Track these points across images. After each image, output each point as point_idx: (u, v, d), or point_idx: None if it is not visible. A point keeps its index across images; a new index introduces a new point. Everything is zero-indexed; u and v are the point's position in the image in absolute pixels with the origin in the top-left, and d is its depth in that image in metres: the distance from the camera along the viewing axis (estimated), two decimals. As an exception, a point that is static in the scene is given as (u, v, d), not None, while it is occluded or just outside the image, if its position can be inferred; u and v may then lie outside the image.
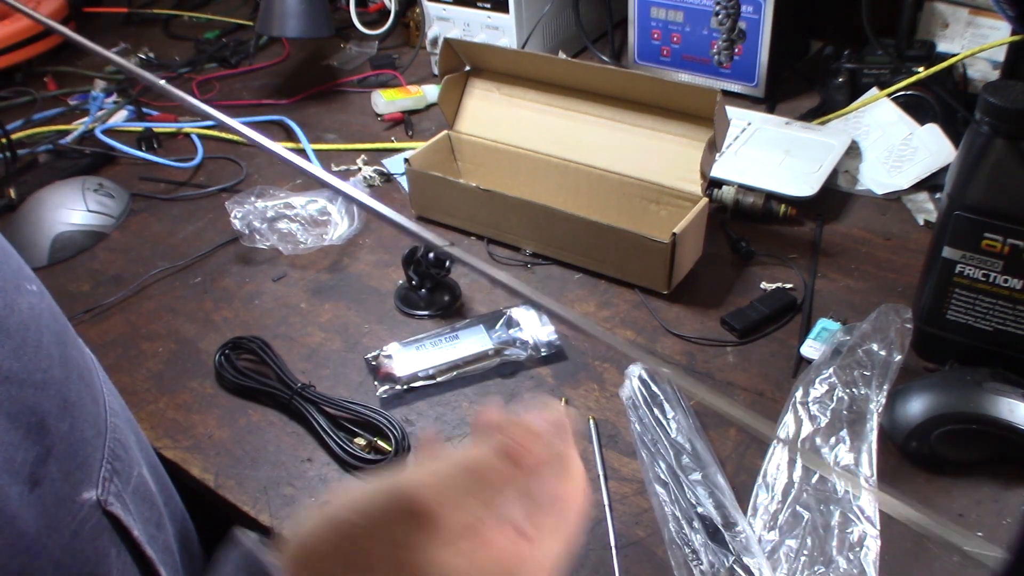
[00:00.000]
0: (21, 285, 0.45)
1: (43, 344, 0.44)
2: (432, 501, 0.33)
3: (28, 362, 0.43)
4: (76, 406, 0.46)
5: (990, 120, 0.61)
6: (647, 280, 0.82)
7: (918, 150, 0.93)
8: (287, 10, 1.16)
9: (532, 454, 0.38)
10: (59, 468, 0.44)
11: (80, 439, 0.46)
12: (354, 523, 0.33)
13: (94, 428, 0.48)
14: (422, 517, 0.32)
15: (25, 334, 0.43)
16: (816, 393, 0.66)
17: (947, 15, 1.04)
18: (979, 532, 0.59)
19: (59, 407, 0.44)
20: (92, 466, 0.47)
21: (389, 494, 0.33)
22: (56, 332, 0.47)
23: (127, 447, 0.51)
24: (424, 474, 0.34)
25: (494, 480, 0.35)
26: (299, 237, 0.91)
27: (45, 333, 0.45)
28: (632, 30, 1.15)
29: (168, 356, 0.81)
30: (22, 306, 0.44)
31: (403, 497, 0.33)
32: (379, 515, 0.33)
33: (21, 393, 0.42)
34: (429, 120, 1.15)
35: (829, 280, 0.82)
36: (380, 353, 0.76)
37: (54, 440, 0.43)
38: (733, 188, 0.91)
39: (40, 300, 0.47)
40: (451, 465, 0.35)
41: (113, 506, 0.47)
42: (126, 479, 0.50)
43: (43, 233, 0.95)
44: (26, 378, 0.42)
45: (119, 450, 0.50)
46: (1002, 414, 0.61)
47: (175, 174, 1.08)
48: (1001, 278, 0.65)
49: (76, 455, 0.45)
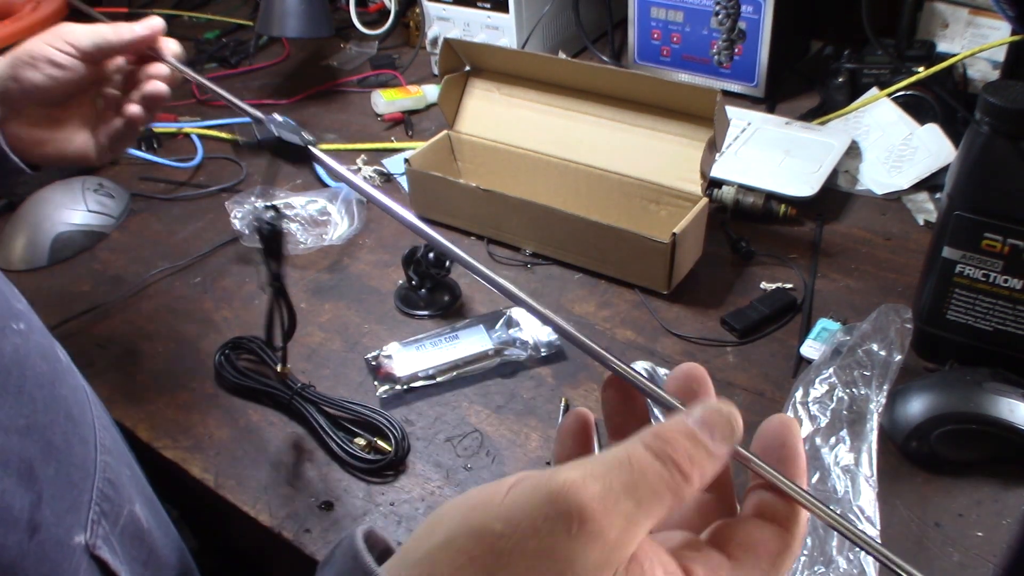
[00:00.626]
0: (6, 326, 0.45)
1: (25, 389, 0.44)
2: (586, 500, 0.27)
3: (10, 409, 0.42)
4: (62, 449, 0.45)
5: (990, 120, 0.61)
6: (647, 280, 0.82)
7: (918, 150, 0.93)
8: (287, 10, 1.16)
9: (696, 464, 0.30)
10: (52, 513, 0.43)
11: (67, 482, 0.45)
12: (500, 533, 0.27)
13: (81, 470, 0.47)
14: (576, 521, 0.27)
15: (6, 380, 0.43)
16: (816, 393, 0.66)
17: (947, 15, 1.04)
18: (979, 532, 0.59)
19: (44, 451, 0.44)
20: (80, 509, 0.46)
21: (537, 496, 0.27)
22: (41, 372, 0.46)
23: (118, 485, 0.51)
24: (575, 472, 0.28)
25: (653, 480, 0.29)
26: (299, 237, 0.91)
27: (29, 376, 0.45)
28: (632, 30, 1.15)
29: (168, 356, 0.81)
30: (5, 350, 0.44)
31: (553, 499, 0.27)
32: (527, 523, 0.27)
33: (6, 440, 0.41)
34: (429, 120, 1.15)
35: (829, 280, 0.82)
36: (380, 353, 0.76)
37: (43, 485, 0.43)
38: (733, 188, 0.91)
39: (26, 340, 0.46)
40: (604, 462, 0.29)
41: (101, 550, 0.46)
42: (114, 519, 0.49)
43: (43, 233, 0.95)
44: (9, 424, 0.42)
45: (108, 490, 0.49)
46: (1002, 414, 0.61)
47: (175, 174, 1.08)
48: (1001, 278, 0.65)
49: (64, 498, 0.45)
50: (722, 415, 0.30)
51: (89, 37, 0.64)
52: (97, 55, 0.65)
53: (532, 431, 0.70)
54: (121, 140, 0.70)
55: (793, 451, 0.32)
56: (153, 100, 0.68)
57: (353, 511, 0.65)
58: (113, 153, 0.71)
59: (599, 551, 0.27)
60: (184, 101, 1.23)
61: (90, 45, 0.64)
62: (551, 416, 0.71)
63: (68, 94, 0.66)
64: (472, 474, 0.67)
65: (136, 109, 0.67)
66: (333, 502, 0.65)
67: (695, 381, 0.34)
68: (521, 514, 0.27)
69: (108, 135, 0.70)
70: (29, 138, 0.66)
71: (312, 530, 0.63)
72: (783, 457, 0.32)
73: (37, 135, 0.67)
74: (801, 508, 0.31)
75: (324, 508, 0.65)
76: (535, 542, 0.27)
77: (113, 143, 0.70)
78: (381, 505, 0.65)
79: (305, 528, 0.64)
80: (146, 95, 0.67)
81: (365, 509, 0.65)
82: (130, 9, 1.55)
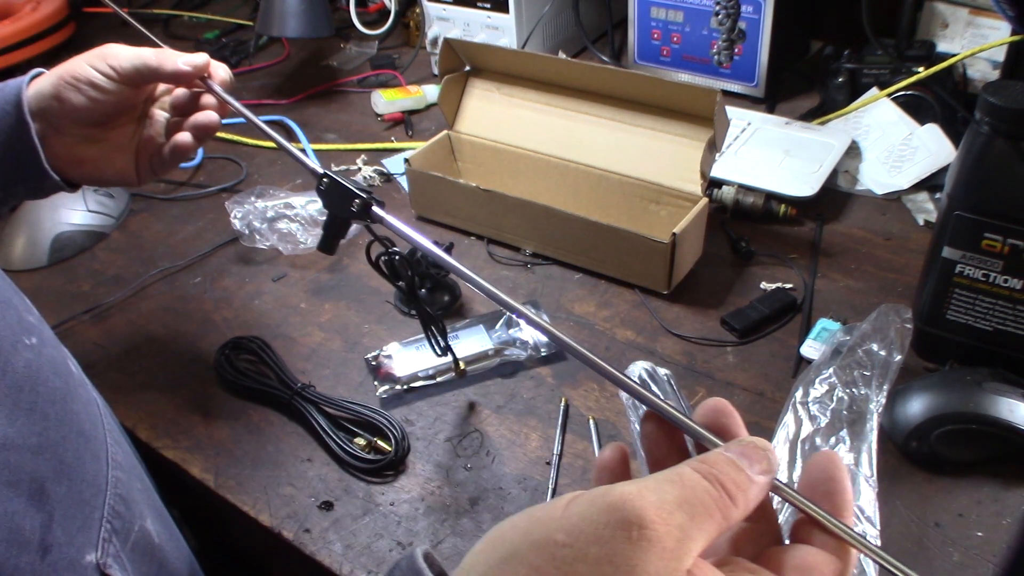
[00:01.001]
0: (19, 341, 0.44)
1: (38, 405, 0.43)
2: (644, 509, 0.28)
3: (22, 426, 0.42)
4: (73, 467, 0.45)
5: (990, 120, 0.61)
6: (647, 280, 0.82)
7: (918, 150, 0.93)
8: (287, 10, 1.16)
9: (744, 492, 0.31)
10: (63, 532, 0.43)
11: (79, 500, 0.45)
12: (562, 543, 0.28)
13: (93, 487, 0.46)
14: (635, 529, 0.27)
15: (18, 397, 0.42)
16: (816, 393, 0.66)
17: (947, 15, 1.04)
18: (979, 532, 0.59)
19: (56, 470, 0.43)
20: (92, 527, 0.45)
21: (598, 507, 0.28)
22: (54, 388, 0.45)
23: (129, 501, 0.50)
24: (631, 487, 0.29)
25: (704, 498, 0.30)
26: (299, 237, 0.91)
27: (41, 392, 0.44)
28: (632, 30, 1.15)
29: (168, 356, 0.81)
30: (17, 366, 0.43)
31: (614, 509, 0.28)
32: (590, 532, 0.28)
33: (19, 459, 0.41)
34: (429, 120, 1.15)
35: (829, 280, 0.82)
36: (380, 353, 0.76)
37: (55, 505, 0.42)
38: (733, 188, 0.91)
39: (39, 355, 0.45)
40: (657, 480, 0.30)
41: (111, 569, 0.46)
42: (125, 536, 0.48)
43: (43, 233, 0.95)
44: (21, 443, 0.41)
45: (119, 506, 0.49)
46: (1002, 414, 0.61)
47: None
48: (1001, 278, 0.65)
49: (76, 517, 0.44)
50: (759, 448, 0.32)
51: (131, 61, 0.63)
52: (138, 79, 0.64)
53: (532, 431, 0.70)
54: (164, 165, 0.69)
55: (839, 485, 0.33)
56: (203, 130, 0.66)
57: (353, 511, 0.65)
58: (155, 176, 0.70)
59: (659, 557, 0.27)
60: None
61: (131, 69, 0.63)
62: (551, 416, 0.71)
63: (110, 115, 0.65)
64: (472, 474, 0.67)
65: (185, 137, 0.66)
66: (333, 502, 0.65)
67: (723, 415, 0.35)
68: (582, 523, 0.28)
69: (152, 158, 0.69)
70: (69, 156, 0.66)
71: (312, 530, 0.63)
72: (830, 491, 0.33)
73: (78, 154, 0.66)
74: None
75: (324, 508, 0.65)
76: (597, 548, 0.27)
77: (156, 167, 0.69)
78: (381, 505, 0.65)
79: (305, 528, 0.64)
80: (197, 124, 0.66)
81: (365, 509, 0.65)
82: (130, 9, 1.55)
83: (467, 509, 0.64)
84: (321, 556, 0.62)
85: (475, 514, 0.64)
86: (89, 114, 0.64)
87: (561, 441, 0.68)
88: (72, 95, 0.62)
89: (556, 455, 0.67)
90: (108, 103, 0.64)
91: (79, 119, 0.64)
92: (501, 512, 0.64)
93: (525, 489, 0.65)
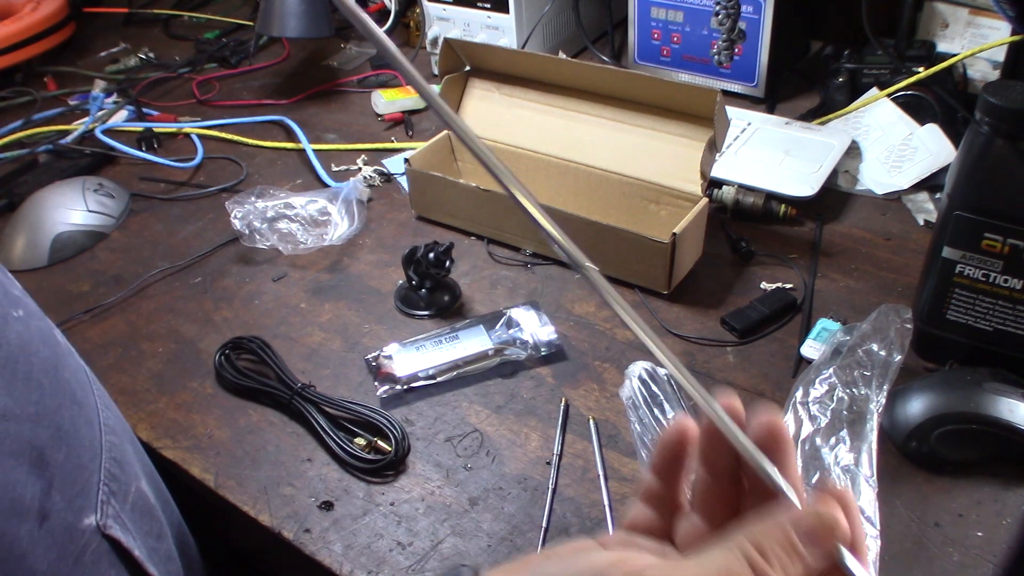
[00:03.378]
0: (7, 314, 0.45)
1: (33, 374, 0.44)
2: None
3: (20, 396, 0.42)
4: (70, 433, 0.45)
5: (990, 120, 0.61)
6: (647, 280, 0.82)
7: (918, 150, 0.93)
8: (287, 10, 1.16)
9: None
10: (62, 498, 0.43)
11: (77, 465, 0.45)
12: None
13: (89, 451, 0.47)
14: None
15: (15, 367, 0.43)
16: (816, 393, 0.66)
17: (947, 15, 1.04)
18: (979, 532, 0.59)
19: (54, 437, 0.44)
20: (90, 491, 0.46)
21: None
22: (45, 357, 0.46)
23: (124, 463, 0.51)
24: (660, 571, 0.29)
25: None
26: (299, 237, 0.91)
27: (35, 361, 0.45)
28: (632, 30, 1.15)
29: (168, 356, 0.81)
30: (10, 337, 0.43)
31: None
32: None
33: (19, 429, 0.41)
34: (429, 120, 1.15)
35: (829, 280, 0.83)
36: (380, 353, 0.76)
37: (54, 471, 0.43)
38: (733, 188, 0.91)
39: (27, 327, 0.46)
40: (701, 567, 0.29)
41: (112, 529, 0.46)
42: (123, 497, 0.49)
43: (43, 233, 0.95)
44: (20, 412, 0.42)
45: (115, 469, 0.49)
46: (1002, 414, 0.61)
47: (175, 174, 1.08)
48: (1001, 278, 0.65)
49: (75, 482, 0.45)
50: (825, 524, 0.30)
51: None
52: None
53: (532, 431, 0.70)
54: None
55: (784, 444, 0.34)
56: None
57: (353, 511, 0.65)
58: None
59: None
60: (184, 101, 1.24)
61: None
62: (551, 416, 0.71)
63: None
64: (472, 474, 0.67)
65: None
66: (333, 502, 0.65)
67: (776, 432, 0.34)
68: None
69: None
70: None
71: (312, 530, 0.64)
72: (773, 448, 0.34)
73: None
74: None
75: (324, 508, 0.65)
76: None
77: None
78: (381, 505, 0.65)
79: (305, 528, 0.64)
80: None
81: (365, 509, 0.65)
82: (130, 9, 1.55)
83: (467, 509, 0.64)
84: (321, 556, 0.62)
85: (475, 514, 0.64)
86: None
87: (561, 441, 0.68)
88: None
89: (556, 455, 0.67)
90: None
91: None
92: (501, 512, 0.64)
93: (525, 489, 0.65)
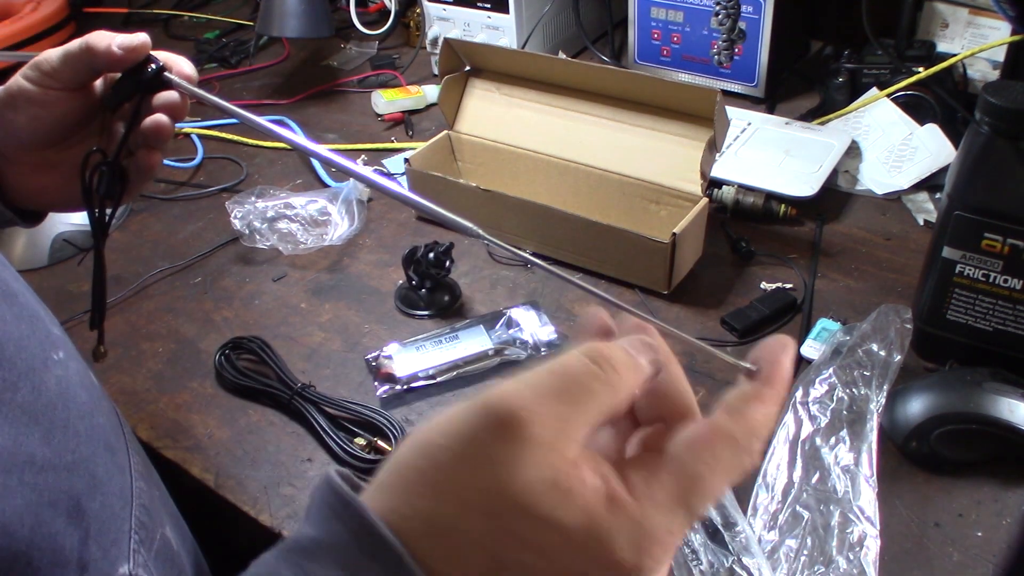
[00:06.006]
0: (48, 358, 0.43)
1: (70, 422, 0.43)
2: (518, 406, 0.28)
3: (58, 445, 0.41)
4: (104, 481, 0.45)
5: (990, 120, 0.61)
6: (647, 280, 0.82)
7: (918, 150, 0.93)
8: (287, 10, 1.16)
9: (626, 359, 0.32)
10: (98, 548, 0.43)
11: (111, 514, 0.45)
12: (440, 445, 0.29)
13: (121, 499, 0.46)
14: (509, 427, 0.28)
15: (53, 415, 0.42)
16: (816, 393, 0.66)
17: (947, 15, 1.04)
18: (979, 532, 0.59)
19: (89, 485, 0.43)
20: (122, 540, 0.45)
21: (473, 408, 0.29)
22: (82, 403, 0.45)
23: (151, 509, 0.50)
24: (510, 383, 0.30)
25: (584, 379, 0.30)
26: (299, 237, 0.91)
27: (72, 408, 0.44)
28: (632, 30, 1.15)
29: (168, 356, 0.81)
30: (49, 384, 0.42)
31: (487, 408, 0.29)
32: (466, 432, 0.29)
33: (56, 479, 0.41)
34: (429, 120, 1.15)
35: (829, 280, 0.82)
36: (380, 353, 0.76)
37: (90, 521, 0.42)
38: (733, 188, 0.91)
39: (66, 370, 0.45)
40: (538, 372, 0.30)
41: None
42: (150, 545, 0.48)
43: (43, 233, 0.95)
44: (58, 462, 0.41)
45: (144, 516, 0.48)
46: (1002, 414, 0.61)
47: (175, 174, 1.08)
48: (1001, 278, 0.65)
49: (109, 531, 0.44)
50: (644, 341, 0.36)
51: (60, 59, 0.52)
52: (74, 77, 0.53)
53: (532, 431, 0.70)
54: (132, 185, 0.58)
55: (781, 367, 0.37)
56: (154, 136, 0.55)
57: (353, 511, 0.65)
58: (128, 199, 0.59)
59: (537, 454, 0.28)
60: (184, 101, 1.23)
61: (64, 67, 0.52)
62: (551, 416, 0.71)
63: (61, 133, 0.55)
64: (472, 474, 0.67)
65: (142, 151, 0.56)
66: (333, 502, 0.65)
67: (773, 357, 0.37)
68: (460, 425, 0.29)
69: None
70: (28, 186, 0.58)
71: (312, 530, 0.63)
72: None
73: (36, 182, 0.58)
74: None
75: (324, 508, 0.65)
76: (473, 449, 0.28)
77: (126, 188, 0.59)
78: (381, 505, 0.65)
79: (305, 528, 0.64)
80: (145, 131, 0.55)
81: (365, 509, 0.65)
82: (130, 9, 1.55)
83: (467, 509, 0.64)
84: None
85: (475, 514, 0.64)
86: (35, 134, 0.55)
87: (561, 441, 0.68)
88: (12, 116, 0.53)
89: (556, 455, 0.67)
90: (53, 118, 0.54)
91: (26, 142, 0.55)
92: (501, 512, 0.64)
93: (525, 489, 0.65)
